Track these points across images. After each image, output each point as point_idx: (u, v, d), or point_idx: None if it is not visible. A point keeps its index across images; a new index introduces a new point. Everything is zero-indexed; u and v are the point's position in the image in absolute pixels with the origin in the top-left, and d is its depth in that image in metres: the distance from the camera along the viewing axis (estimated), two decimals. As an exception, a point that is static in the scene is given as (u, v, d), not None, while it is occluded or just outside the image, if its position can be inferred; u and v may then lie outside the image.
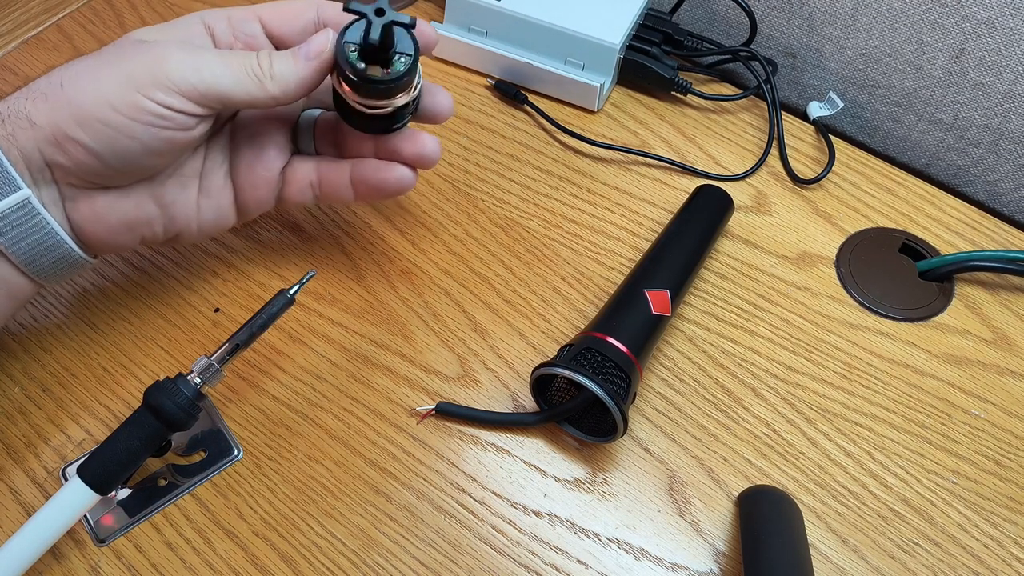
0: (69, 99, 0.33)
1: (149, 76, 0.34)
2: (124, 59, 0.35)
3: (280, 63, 0.36)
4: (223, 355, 0.37)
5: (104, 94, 0.33)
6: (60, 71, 0.35)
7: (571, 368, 0.37)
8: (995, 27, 0.47)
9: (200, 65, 0.35)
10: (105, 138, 0.34)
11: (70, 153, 0.34)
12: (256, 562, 0.37)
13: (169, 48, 0.35)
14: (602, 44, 0.51)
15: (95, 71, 0.34)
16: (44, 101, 0.34)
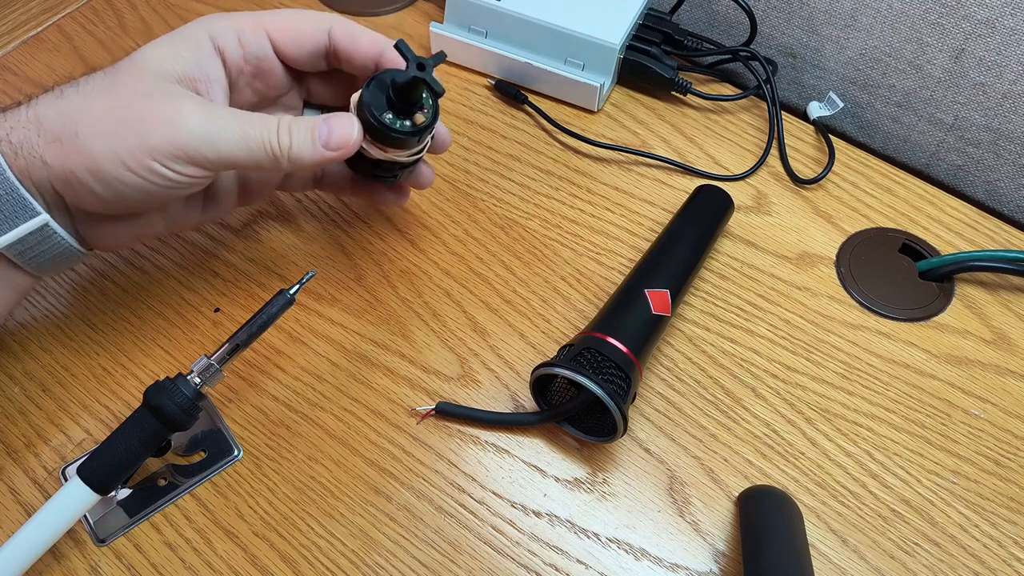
0: (84, 151, 0.33)
1: (165, 145, 0.34)
2: (142, 117, 0.34)
3: (299, 145, 0.36)
4: (223, 355, 0.37)
5: (120, 155, 0.33)
6: (73, 111, 0.34)
7: (571, 368, 0.37)
8: (995, 27, 0.47)
9: (217, 140, 0.34)
10: (117, 192, 0.34)
11: (81, 196, 0.35)
12: (256, 562, 0.37)
13: (186, 112, 0.34)
14: (602, 44, 0.51)
15: (111, 125, 0.34)
16: (59, 146, 0.33)
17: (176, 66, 0.36)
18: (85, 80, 0.36)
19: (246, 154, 0.35)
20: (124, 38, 0.58)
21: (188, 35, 0.37)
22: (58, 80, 0.39)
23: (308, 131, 0.36)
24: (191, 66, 0.36)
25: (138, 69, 0.35)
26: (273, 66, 0.40)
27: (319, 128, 0.36)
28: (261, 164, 0.36)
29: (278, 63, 0.40)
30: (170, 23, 0.59)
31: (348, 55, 0.40)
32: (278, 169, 0.36)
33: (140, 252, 0.47)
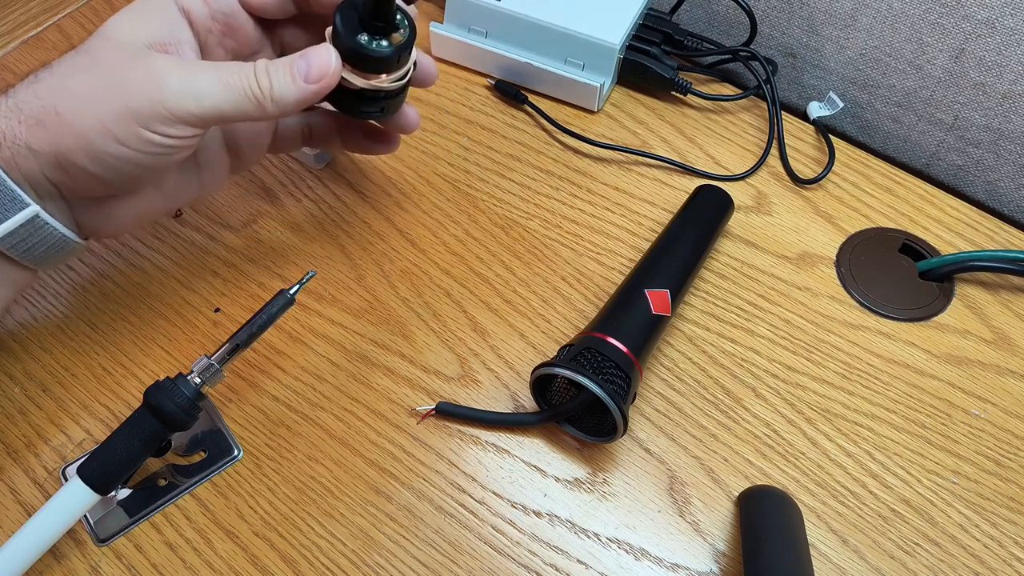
0: (69, 129, 0.33)
1: (150, 108, 0.33)
2: (120, 84, 0.33)
3: (280, 85, 0.35)
4: (223, 355, 0.37)
5: (107, 127, 0.33)
6: (50, 91, 0.33)
7: (571, 368, 0.37)
8: (995, 27, 0.47)
9: (199, 91, 0.34)
10: (110, 166, 0.34)
11: (75, 176, 0.34)
12: (256, 562, 0.37)
13: (163, 71, 0.34)
14: (602, 44, 0.51)
15: (92, 99, 0.33)
16: (41, 128, 0.33)
17: (144, 33, 0.35)
18: (58, 61, 0.35)
19: (230, 103, 0.34)
20: (124, 38, 0.58)
21: (152, 2, 0.36)
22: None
23: (287, 68, 0.35)
24: (160, 31, 0.36)
25: (109, 41, 0.35)
26: (242, 21, 0.39)
27: (297, 63, 0.35)
28: (246, 111, 0.35)
29: (247, 16, 0.39)
30: (170, 23, 0.59)
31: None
32: (264, 114, 0.35)
33: (140, 252, 0.47)
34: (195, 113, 0.34)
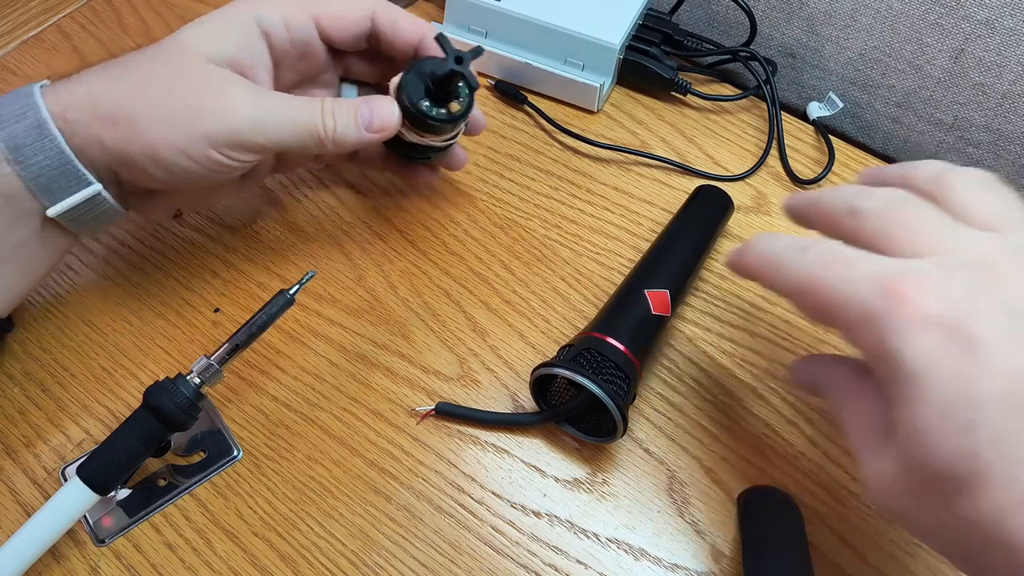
0: (142, 138, 0.35)
1: (222, 135, 0.36)
2: (197, 107, 0.36)
3: (343, 128, 0.38)
4: (223, 355, 0.37)
5: (179, 144, 0.35)
6: (128, 96, 0.35)
7: (571, 368, 0.37)
8: (995, 27, 0.47)
9: (269, 125, 0.37)
10: (173, 174, 0.37)
11: (136, 174, 0.37)
12: (256, 562, 0.37)
13: (238, 100, 0.36)
14: (602, 44, 0.51)
15: (168, 113, 0.35)
16: (115, 128, 0.35)
17: (223, 49, 0.37)
18: (135, 60, 0.37)
19: (294, 138, 0.37)
20: (124, 38, 0.58)
21: (235, 18, 0.38)
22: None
23: (351, 114, 0.38)
24: (238, 50, 0.38)
25: (188, 52, 0.37)
26: (317, 49, 0.41)
27: (361, 111, 0.38)
28: (307, 146, 0.38)
29: (322, 46, 0.41)
30: (170, 23, 0.59)
31: (389, 40, 0.41)
32: (322, 150, 0.39)
33: (140, 252, 0.47)
34: (262, 144, 0.37)
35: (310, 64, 0.42)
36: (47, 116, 0.35)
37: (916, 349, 0.24)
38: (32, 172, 0.35)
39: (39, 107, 0.35)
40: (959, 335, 0.24)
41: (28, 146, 0.35)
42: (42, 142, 0.35)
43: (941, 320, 0.24)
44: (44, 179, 0.35)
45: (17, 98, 0.36)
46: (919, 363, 0.24)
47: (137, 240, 0.47)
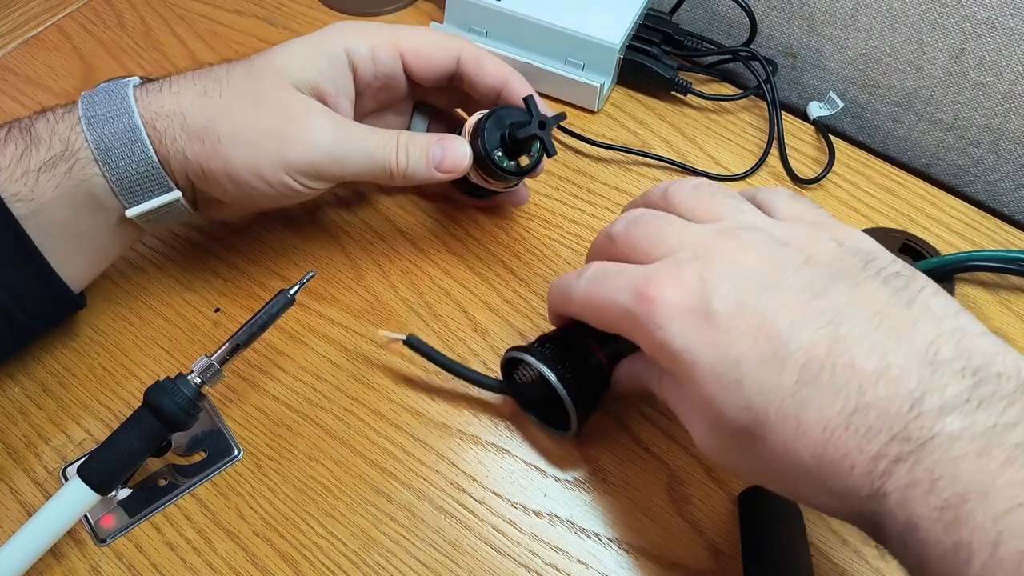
0: (225, 158, 0.37)
1: (300, 164, 0.38)
2: (280, 134, 0.38)
3: (414, 165, 0.40)
4: (223, 355, 0.37)
5: (259, 168, 0.38)
6: (217, 115, 0.37)
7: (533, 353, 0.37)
8: (995, 27, 0.47)
9: (344, 159, 0.39)
10: (247, 194, 0.39)
11: (212, 189, 0.39)
12: (256, 562, 0.37)
13: (320, 132, 0.38)
14: (602, 44, 0.51)
15: (252, 137, 0.38)
16: (201, 145, 0.37)
17: (311, 77, 0.39)
18: (226, 76, 0.39)
19: (367, 171, 0.40)
20: (124, 38, 0.58)
21: (325, 46, 0.40)
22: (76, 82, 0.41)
23: (423, 152, 0.40)
24: (325, 80, 0.40)
25: (278, 77, 0.39)
26: (399, 82, 0.43)
27: (434, 150, 0.40)
28: (378, 178, 0.40)
29: (404, 79, 0.43)
30: (170, 23, 0.59)
31: (473, 82, 0.43)
32: (391, 183, 0.41)
33: (140, 252, 0.47)
34: (337, 175, 0.40)
35: (390, 95, 0.44)
36: (139, 123, 0.37)
37: (676, 335, 0.28)
38: (118, 175, 0.37)
39: (132, 112, 0.37)
40: (702, 313, 0.28)
41: (118, 149, 0.37)
42: (131, 147, 0.37)
43: (684, 306, 0.28)
44: (128, 182, 0.37)
45: (111, 98, 0.37)
46: (683, 345, 0.28)
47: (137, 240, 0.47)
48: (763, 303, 0.28)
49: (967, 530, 0.23)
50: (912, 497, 0.24)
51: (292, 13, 0.60)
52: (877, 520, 0.25)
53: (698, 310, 0.28)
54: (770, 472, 0.28)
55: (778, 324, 0.27)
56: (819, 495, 0.27)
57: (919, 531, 0.24)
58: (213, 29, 0.59)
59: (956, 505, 0.23)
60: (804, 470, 0.26)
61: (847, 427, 0.25)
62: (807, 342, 0.26)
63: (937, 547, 0.23)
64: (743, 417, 0.27)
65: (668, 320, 0.28)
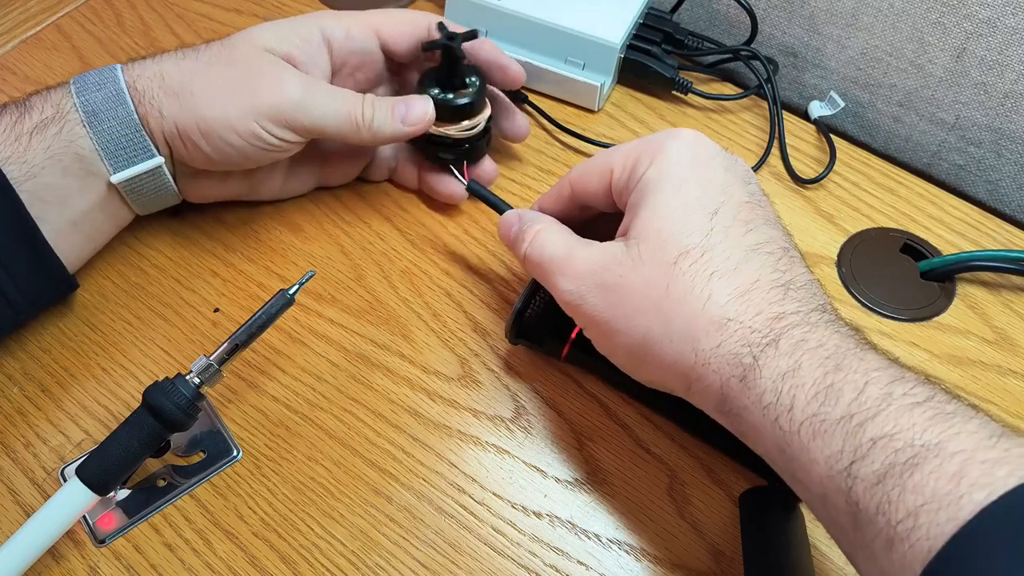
0: (197, 111, 0.39)
1: (268, 110, 0.39)
2: (250, 84, 0.39)
3: (380, 118, 0.42)
4: (222, 355, 0.37)
5: (229, 118, 0.39)
6: (193, 73, 0.40)
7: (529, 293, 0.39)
8: (997, 26, 0.46)
9: (311, 107, 0.40)
10: (219, 150, 0.40)
11: (187, 148, 0.40)
12: (256, 563, 0.37)
13: (288, 81, 0.40)
14: (602, 43, 0.51)
15: (224, 91, 0.39)
16: (175, 100, 0.39)
17: (284, 48, 0.41)
18: (205, 48, 0.41)
19: (334, 123, 0.41)
20: (123, 37, 0.58)
21: (299, 25, 0.42)
22: (60, 78, 0.42)
23: (389, 107, 0.42)
24: (297, 50, 0.41)
25: (251, 44, 0.41)
26: (375, 59, 0.45)
27: (398, 106, 0.42)
28: (345, 133, 0.41)
29: (381, 56, 0.45)
30: (169, 23, 0.59)
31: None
32: (359, 139, 0.42)
33: (139, 252, 0.47)
34: (304, 124, 0.40)
35: (368, 74, 0.46)
36: (124, 88, 0.39)
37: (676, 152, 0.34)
38: (104, 137, 0.39)
39: (119, 79, 0.39)
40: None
41: (104, 112, 0.39)
42: (116, 110, 0.39)
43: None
44: (113, 145, 0.39)
45: (101, 72, 0.40)
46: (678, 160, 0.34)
47: (137, 240, 0.47)
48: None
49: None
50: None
51: (292, 12, 0.60)
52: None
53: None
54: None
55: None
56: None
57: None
58: (212, 28, 0.59)
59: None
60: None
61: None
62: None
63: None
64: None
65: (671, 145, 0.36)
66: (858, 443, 0.26)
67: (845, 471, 0.26)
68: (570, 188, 0.39)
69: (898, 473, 0.25)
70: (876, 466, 0.26)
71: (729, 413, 0.31)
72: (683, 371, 0.31)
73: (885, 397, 0.27)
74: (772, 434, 0.29)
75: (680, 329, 0.31)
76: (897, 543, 0.25)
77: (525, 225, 0.38)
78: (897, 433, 0.26)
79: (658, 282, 0.32)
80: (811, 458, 0.28)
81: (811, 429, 0.28)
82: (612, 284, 0.33)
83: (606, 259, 0.33)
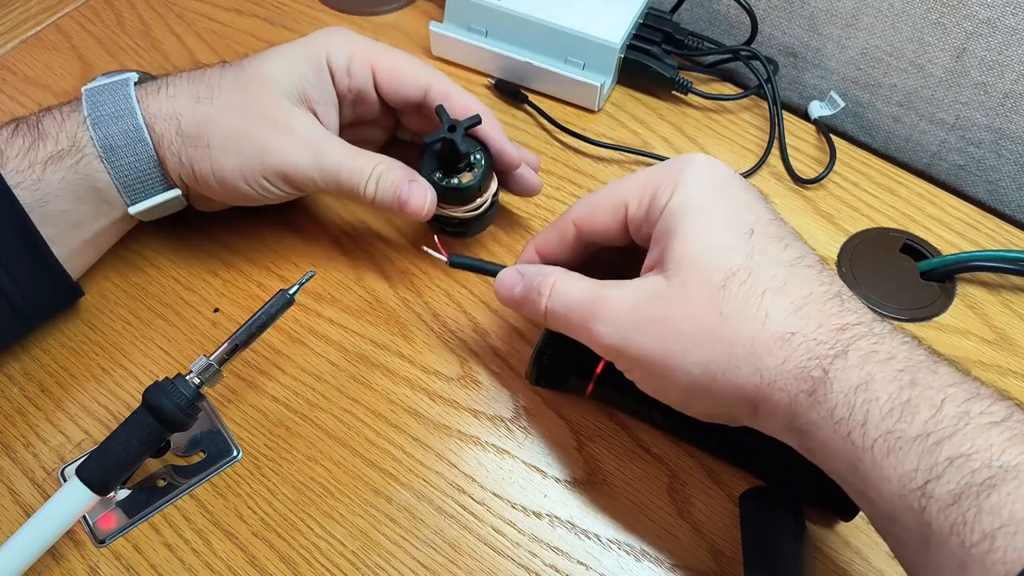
0: (212, 161, 0.40)
1: (277, 170, 0.40)
2: (263, 142, 0.40)
3: (382, 196, 0.41)
4: (222, 355, 0.37)
5: (241, 172, 0.40)
6: (208, 122, 0.40)
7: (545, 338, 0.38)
8: (996, 26, 0.46)
9: (318, 175, 0.41)
10: (230, 196, 0.42)
11: (201, 187, 0.41)
12: (255, 563, 0.37)
13: (299, 145, 0.40)
14: (602, 43, 0.51)
15: (238, 145, 0.40)
16: (194, 150, 0.40)
17: (298, 85, 0.41)
18: (219, 82, 0.41)
19: (337, 189, 0.42)
20: (123, 37, 0.58)
21: (310, 54, 0.42)
22: (68, 86, 0.43)
23: (392, 188, 0.41)
24: (311, 88, 0.42)
25: (266, 87, 0.41)
26: (372, 99, 0.44)
27: (403, 189, 0.41)
28: (347, 194, 0.42)
29: (375, 96, 0.44)
30: (169, 23, 0.59)
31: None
32: (361, 204, 0.43)
33: (139, 252, 0.47)
34: (310, 188, 0.42)
35: (366, 109, 0.45)
36: (142, 124, 0.39)
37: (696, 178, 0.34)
38: (122, 173, 0.39)
39: (136, 113, 0.39)
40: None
41: (122, 148, 0.39)
42: (135, 147, 0.39)
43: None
44: (131, 180, 0.40)
45: (115, 97, 0.39)
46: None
47: (136, 240, 0.47)
48: None
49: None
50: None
51: (291, 12, 0.60)
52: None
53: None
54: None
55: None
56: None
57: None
58: (212, 28, 0.59)
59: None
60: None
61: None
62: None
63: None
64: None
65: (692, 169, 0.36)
66: (934, 462, 0.26)
67: (919, 490, 0.26)
68: (574, 228, 0.37)
69: (974, 494, 0.25)
70: (952, 486, 0.25)
71: (798, 431, 0.30)
72: (749, 396, 0.30)
73: (962, 415, 0.26)
74: (843, 449, 0.28)
75: (743, 353, 0.30)
76: (971, 566, 0.24)
77: (533, 280, 0.36)
78: (974, 453, 0.25)
79: (710, 309, 0.31)
80: (883, 475, 0.27)
81: (885, 446, 0.27)
82: (659, 319, 0.31)
83: (646, 295, 0.32)
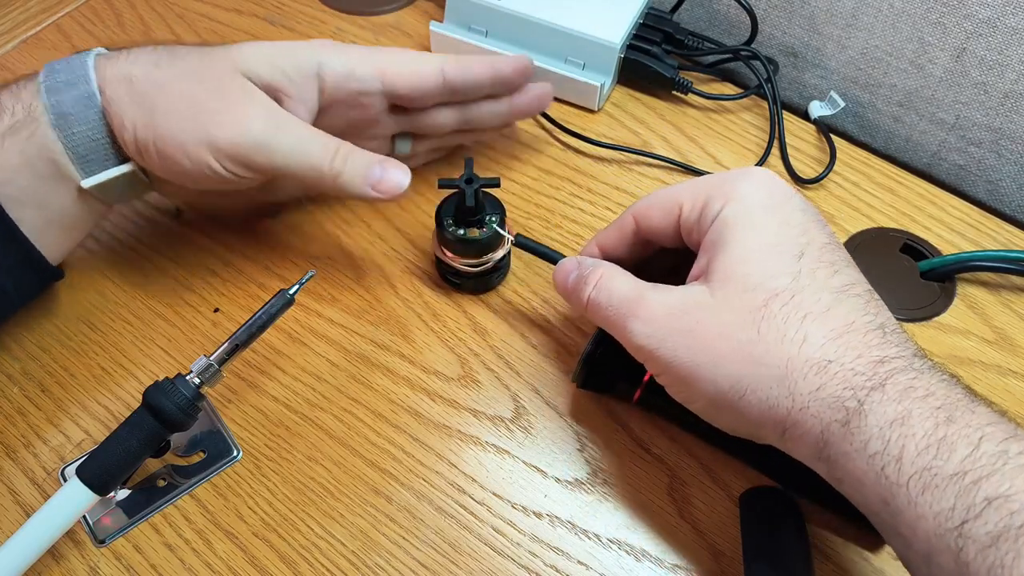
0: (156, 127, 0.37)
1: (224, 144, 0.37)
2: (213, 115, 0.37)
3: (350, 175, 0.38)
4: (222, 355, 0.37)
5: (183, 144, 0.37)
6: (160, 87, 0.37)
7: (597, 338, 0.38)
8: (997, 26, 0.46)
9: (275, 150, 0.37)
10: (174, 171, 0.38)
11: (147, 159, 0.38)
12: (256, 563, 0.37)
13: (253, 117, 0.37)
14: (602, 43, 0.51)
15: (184, 113, 0.37)
16: (139, 111, 0.37)
17: (267, 73, 0.38)
18: (183, 55, 0.38)
19: (297, 168, 0.38)
20: (123, 37, 0.58)
21: (298, 53, 0.39)
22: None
23: (363, 168, 0.38)
24: (287, 82, 0.39)
25: (230, 63, 0.38)
26: (375, 102, 0.42)
27: (374, 168, 0.38)
28: (308, 179, 0.39)
29: (381, 100, 0.42)
30: (169, 23, 0.59)
31: (464, 83, 0.43)
32: (323, 187, 0.39)
33: (140, 252, 0.47)
34: (262, 164, 0.38)
35: (363, 114, 0.43)
36: (95, 90, 0.37)
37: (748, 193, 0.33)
38: (73, 141, 0.37)
39: (90, 79, 0.37)
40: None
41: (73, 115, 0.37)
42: (86, 113, 0.37)
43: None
44: (83, 149, 0.37)
45: (71, 66, 0.37)
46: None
47: (136, 240, 0.47)
48: None
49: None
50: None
51: (292, 12, 0.60)
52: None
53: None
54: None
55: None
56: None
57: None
58: (212, 28, 0.59)
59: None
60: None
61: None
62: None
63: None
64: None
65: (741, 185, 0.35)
66: (971, 502, 0.25)
67: (956, 530, 0.25)
68: (634, 222, 0.37)
69: (1013, 537, 0.24)
70: (990, 527, 0.25)
71: (828, 460, 0.30)
72: (778, 417, 0.30)
73: (1000, 455, 0.26)
74: (876, 484, 0.28)
75: (776, 373, 0.30)
76: None
77: (586, 271, 0.36)
78: (1013, 495, 0.25)
79: (747, 326, 0.30)
80: (918, 513, 0.26)
81: (921, 483, 0.27)
82: (694, 329, 0.31)
83: (686, 303, 0.32)
